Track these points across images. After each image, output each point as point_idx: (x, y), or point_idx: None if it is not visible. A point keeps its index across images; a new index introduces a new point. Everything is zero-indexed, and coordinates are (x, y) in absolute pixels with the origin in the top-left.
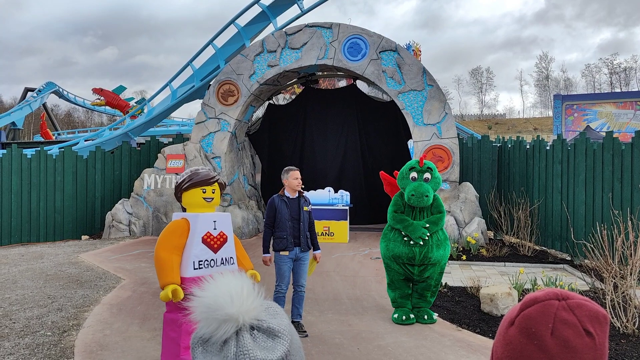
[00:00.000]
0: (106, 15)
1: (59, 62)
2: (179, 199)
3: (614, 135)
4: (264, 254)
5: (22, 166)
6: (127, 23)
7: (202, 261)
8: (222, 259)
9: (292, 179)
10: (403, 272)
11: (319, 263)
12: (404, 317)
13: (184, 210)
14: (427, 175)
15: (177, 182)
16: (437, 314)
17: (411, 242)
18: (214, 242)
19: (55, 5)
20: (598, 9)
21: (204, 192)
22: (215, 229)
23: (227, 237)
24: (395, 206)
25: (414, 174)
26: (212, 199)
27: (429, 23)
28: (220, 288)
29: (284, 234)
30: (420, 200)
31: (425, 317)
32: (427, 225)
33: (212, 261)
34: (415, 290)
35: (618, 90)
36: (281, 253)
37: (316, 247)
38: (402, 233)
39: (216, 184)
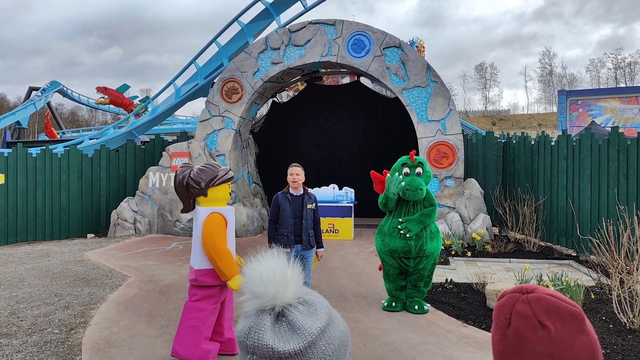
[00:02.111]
0: (110, 15)
1: (65, 63)
2: (204, 193)
3: (620, 131)
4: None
5: (27, 165)
6: (131, 23)
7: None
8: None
9: (289, 174)
10: (398, 265)
11: (320, 261)
12: (386, 304)
13: (194, 206)
14: (418, 169)
15: (194, 178)
16: (429, 305)
17: (407, 236)
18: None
19: (61, 6)
20: (597, 6)
21: (229, 187)
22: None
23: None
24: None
25: (406, 170)
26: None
27: (429, 21)
28: (260, 267)
29: (285, 231)
30: (415, 194)
31: (416, 307)
32: (411, 219)
33: (234, 252)
34: (409, 282)
35: (623, 85)
36: (283, 250)
37: (320, 245)
38: (398, 227)
39: None
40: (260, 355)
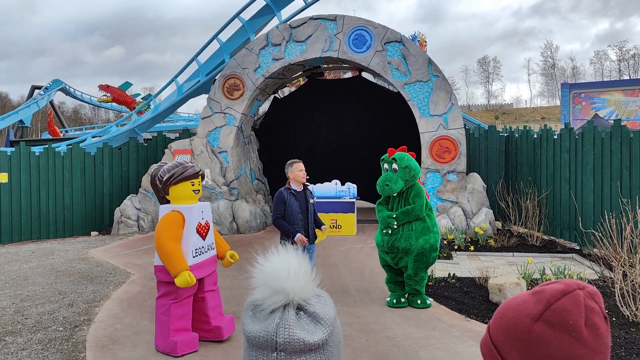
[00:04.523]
0: (113, 15)
1: (69, 62)
2: (164, 192)
3: (622, 123)
4: (295, 237)
5: (30, 163)
6: (133, 23)
7: (197, 249)
8: (207, 245)
9: (297, 171)
10: (384, 259)
11: (325, 238)
12: (394, 301)
13: (166, 202)
14: (393, 165)
15: (159, 177)
16: (432, 299)
17: (383, 231)
18: (202, 231)
19: (65, 7)
20: (593, 1)
21: (193, 185)
22: (203, 218)
23: (210, 224)
24: (381, 197)
25: (385, 165)
26: (199, 191)
27: (429, 17)
28: (282, 262)
29: (296, 227)
30: (382, 189)
31: (419, 301)
32: (395, 215)
33: (202, 248)
34: (404, 279)
35: (627, 77)
36: (292, 246)
37: (322, 224)
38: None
39: (200, 176)
40: (291, 351)
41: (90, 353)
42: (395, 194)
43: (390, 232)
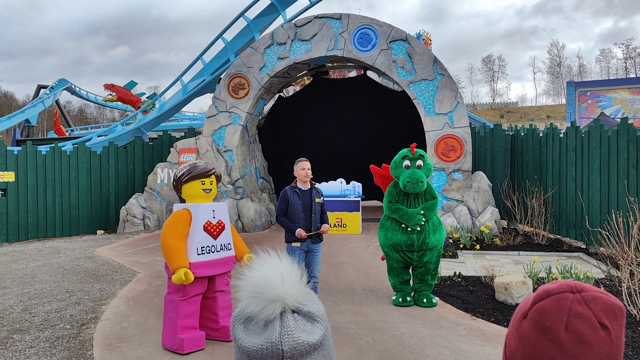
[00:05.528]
0: (117, 15)
1: (75, 62)
2: (178, 191)
3: (629, 122)
4: (295, 233)
5: (37, 163)
6: (137, 22)
7: (204, 247)
8: (221, 244)
9: (300, 169)
10: (402, 259)
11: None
12: (400, 300)
13: (183, 201)
14: (419, 162)
15: (175, 176)
16: (438, 298)
17: (408, 230)
18: (213, 230)
19: (70, 7)
20: (596, 0)
21: (203, 184)
22: (214, 217)
23: (224, 224)
24: (389, 196)
25: (407, 162)
26: (210, 190)
27: (432, 17)
28: (272, 269)
29: (297, 225)
30: (416, 186)
31: (425, 300)
32: (422, 212)
33: (213, 247)
34: (416, 276)
35: (633, 75)
36: (293, 244)
37: (326, 222)
38: (400, 221)
39: (213, 176)
40: (297, 356)
41: (97, 351)
42: (412, 192)
43: (419, 229)
